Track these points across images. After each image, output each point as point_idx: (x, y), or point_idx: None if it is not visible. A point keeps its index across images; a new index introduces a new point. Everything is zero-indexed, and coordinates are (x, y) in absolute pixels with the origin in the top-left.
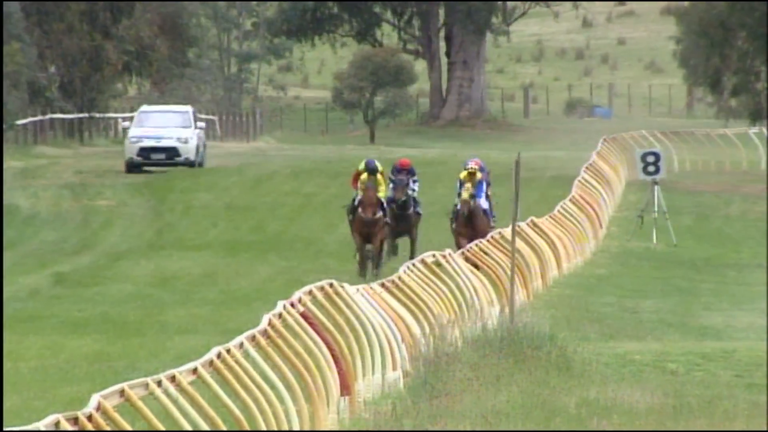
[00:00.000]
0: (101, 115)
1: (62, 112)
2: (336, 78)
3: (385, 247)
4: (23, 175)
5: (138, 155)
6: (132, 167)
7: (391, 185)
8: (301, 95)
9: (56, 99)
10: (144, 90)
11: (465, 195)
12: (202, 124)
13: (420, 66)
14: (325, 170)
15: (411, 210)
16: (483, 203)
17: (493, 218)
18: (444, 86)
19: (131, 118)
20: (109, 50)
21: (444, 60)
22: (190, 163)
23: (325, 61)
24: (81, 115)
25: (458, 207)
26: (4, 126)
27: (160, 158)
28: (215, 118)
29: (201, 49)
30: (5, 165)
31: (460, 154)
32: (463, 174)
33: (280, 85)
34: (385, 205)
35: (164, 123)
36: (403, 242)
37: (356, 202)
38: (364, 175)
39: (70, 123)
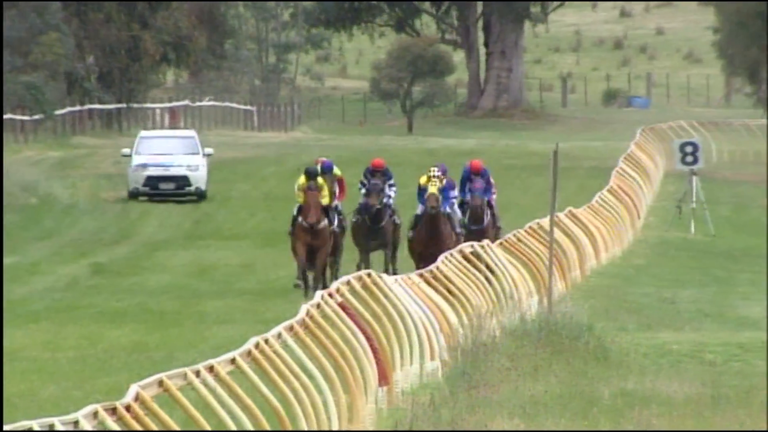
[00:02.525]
0: (139, 105)
1: (100, 102)
2: (374, 68)
3: (333, 265)
4: (61, 165)
5: (144, 185)
6: (136, 197)
7: (363, 190)
8: (339, 85)
9: (94, 89)
10: (182, 81)
11: (433, 189)
12: (209, 151)
13: (458, 56)
14: (363, 161)
15: (386, 221)
16: (448, 209)
17: (498, 224)
18: (482, 76)
19: (133, 145)
20: (147, 41)
21: (482, 50)
22: (200, 194)
23: (363, 52)
24: (119, 106)
25: (419, 213)
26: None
27: (169, 188)
28: (253, 108)
29: (239, 39)
30: (44, 155)
31: (498, 144)
32: (423, 179)
33: (317, 76)
34: (330, 213)
35: (169, 149)
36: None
37: (295, 215)
38: (302, 179)
39: (108, 113)
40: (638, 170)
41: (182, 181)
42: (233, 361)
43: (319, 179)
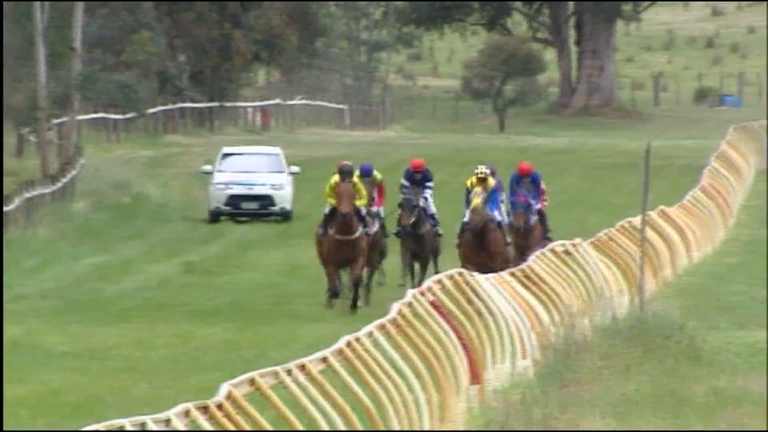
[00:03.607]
0: (231, 104)
1: (192, 101)
2: (466, 67)
3: (365, 277)
4: (153, 163)
5: (226, 204)
6: (217, 217)
7: (401, 194)
8: (431, 84)
9: (186, 88)
10: (273, 79)
11: (476, 201)
12: (295, 169)
13: (550, 55)
14: (455, 159)
15: (426, 229)
16: (497, 216)
17: (548, 234)
18: (573, 75)
19: (213, 161)
20: (238, 39)
21: (574, 49)
22: (285, 214)
23: (455, 50)
24: (211, 104)
25: (466, 220)
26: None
27: (252, 208)
28: (344, 107)
29: (330, 38)
30: (136, 154)
31: (589, 143)
32: (472, 179)
33: (409, 74)
34: (363, 212)
35: (252, 167)
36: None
37: (327, 213)
38: (335, 177)
39: (200, 112)
40: (730, 169)
41: (266, 200)
42: (325, 359)
43: (355, 179)
